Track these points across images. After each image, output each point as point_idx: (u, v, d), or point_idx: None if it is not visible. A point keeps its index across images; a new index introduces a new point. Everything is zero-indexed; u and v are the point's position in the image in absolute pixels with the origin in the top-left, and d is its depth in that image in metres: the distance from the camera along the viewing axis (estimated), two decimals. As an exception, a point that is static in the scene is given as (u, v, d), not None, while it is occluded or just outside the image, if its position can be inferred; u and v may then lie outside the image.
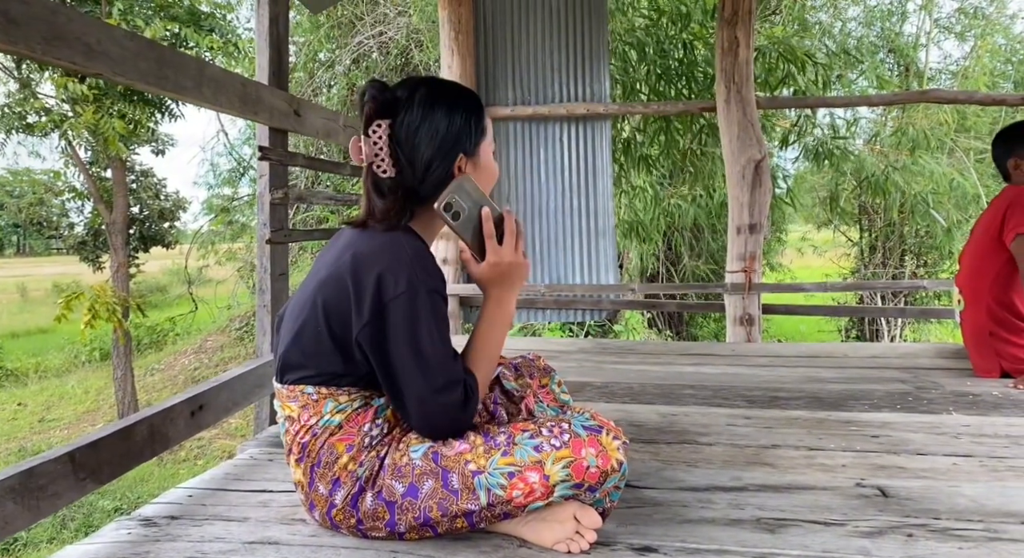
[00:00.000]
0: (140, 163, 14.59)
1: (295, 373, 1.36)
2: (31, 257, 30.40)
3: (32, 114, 6.84)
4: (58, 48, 1.20)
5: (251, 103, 1.89)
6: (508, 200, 4.20)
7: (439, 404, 1.29)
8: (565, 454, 1.28)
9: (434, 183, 1.36)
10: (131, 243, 14.55)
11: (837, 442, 2.01)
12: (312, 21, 10.43)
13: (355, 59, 10.29)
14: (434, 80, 1.44)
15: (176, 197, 15.31)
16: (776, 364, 3.10)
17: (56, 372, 12.58)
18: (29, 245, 30.09)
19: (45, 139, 7.29)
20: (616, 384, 2.73)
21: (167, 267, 18.40)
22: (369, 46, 10.07)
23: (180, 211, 16.03)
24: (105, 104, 6.44)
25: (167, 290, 19.62)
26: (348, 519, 1.32)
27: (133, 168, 14.39)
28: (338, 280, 1.30)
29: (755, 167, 3.76)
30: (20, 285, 20.42)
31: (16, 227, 18.77)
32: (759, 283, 3.79)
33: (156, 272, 19.20)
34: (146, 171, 14.53)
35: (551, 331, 8.23)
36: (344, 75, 9.91)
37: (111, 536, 1.37)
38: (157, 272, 19.22)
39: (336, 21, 10.24)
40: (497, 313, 1.42)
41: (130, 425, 1.44)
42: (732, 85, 3.78)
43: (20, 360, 13.17)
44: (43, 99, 6.94)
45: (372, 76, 9.48)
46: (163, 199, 15.15)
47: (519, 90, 4.16)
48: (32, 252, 30.34)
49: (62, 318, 6.93)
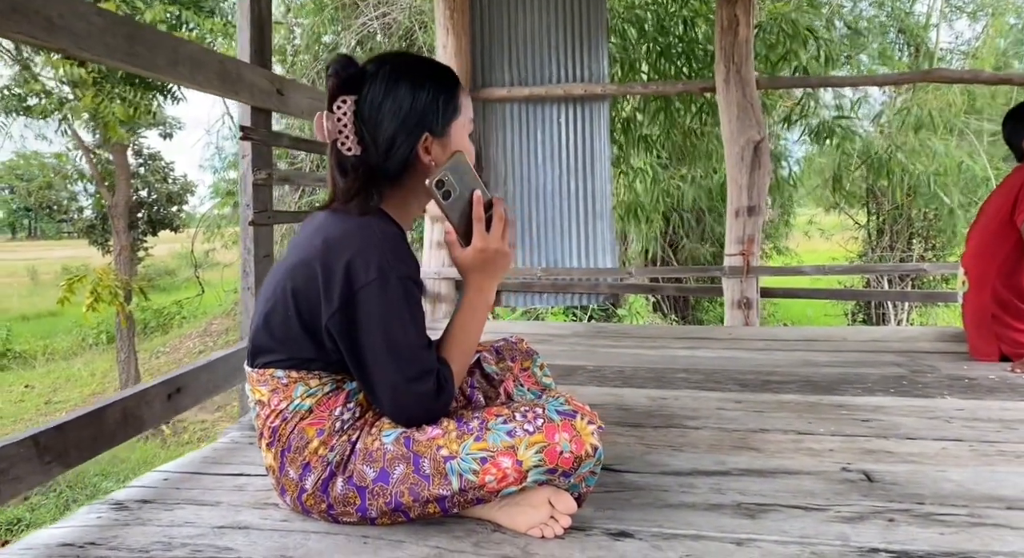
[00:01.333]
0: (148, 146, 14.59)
1: (265, 357, 1.34)
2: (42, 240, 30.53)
3: (32, 97, 6.83)
4: (15, 22, 1.17)
5: (231, 82, 1.86)
6: (504, 182, 4.17)
7: (412, 394, 1.27)
8: (538, 439, 1.26)
9: (398, 162, 1.32)
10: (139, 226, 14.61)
11: (827, 426, 1.98)
12: (316, 3, 10.35)
13: (360, 41, 10.22)
14: (404, 55, 1.40)
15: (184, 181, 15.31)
16: (773, 348, 3.07)
17: (64, 355, 12.67)
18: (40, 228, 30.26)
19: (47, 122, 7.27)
20: (608, 368, 2.71)
21: (176, 251, 18.46)
22: (373, 28, 10.00)
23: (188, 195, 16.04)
24: (105, 88, 6.41)
25: (176, 273, 19.70)
26: (319, 504, 1.31)
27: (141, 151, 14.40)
28: (307, 266, 1.28)
29: (754, 148, 3.70)
30: (31, 268, 20.52)
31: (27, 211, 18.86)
32: (757, 266, 3.75)
33: (165, 256, 19.26)
34: (154, 154, 14.52)
35: (554, 315, 8.20)
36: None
37: (81, 520, 1.36)
38: (166, 256, 19.28)
39: (340, 2, 10.16)
40: (477, 301, 1.39)
41: (101, 408, 1.42)
42: (731, 64, 3.72)
43: (29, 343, 13.26)
44: (44, 81, 6.92)
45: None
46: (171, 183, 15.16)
47: (515, 70, 4.11)
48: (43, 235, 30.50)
49: (65, 301, 6.95)
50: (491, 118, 4.16)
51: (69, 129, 7.56)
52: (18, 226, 32.25)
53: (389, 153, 1.31)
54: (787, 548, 1.27)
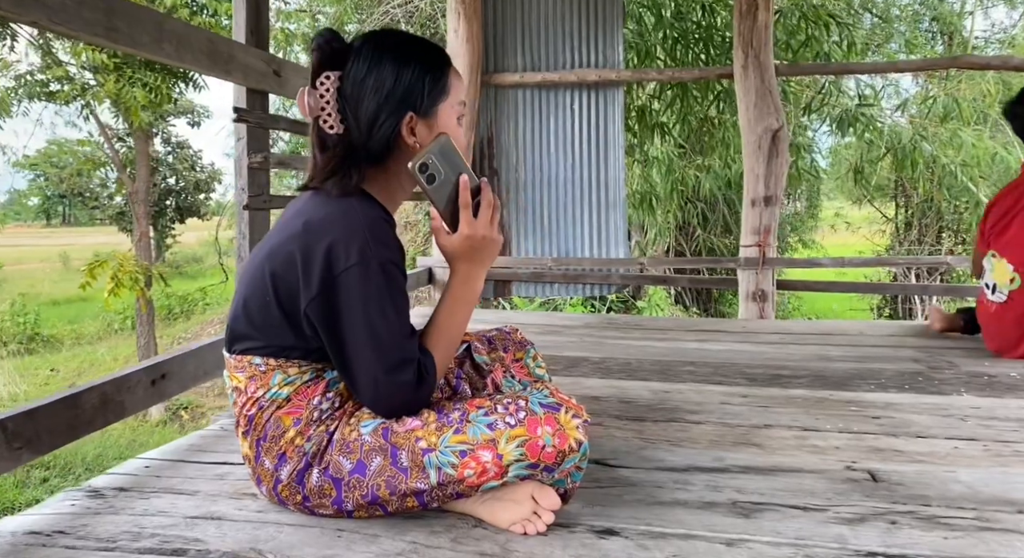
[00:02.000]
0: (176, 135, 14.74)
1: (243, 343, 1.30)
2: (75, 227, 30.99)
3: (55, 82, 6.87)
4: (-22, -9, 1.13)
5: (221, 61, 1.82)
6: (515, 170, 4.10)
7: (392, 384, 1.22)
8: (520, 433, 1.21)
9: (380, 142, 1.27)
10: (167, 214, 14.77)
11: (834, 423, 1.91)
12: (338, -10, 10.34)
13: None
14: (392, 32, 1.35)
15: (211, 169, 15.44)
16: (786, 341, 2.99)
17: (89, 339, 12.86)
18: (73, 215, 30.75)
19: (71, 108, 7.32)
20: (613, 360, 2.65)
21: (203, 238, 18.66)
22: (395, 15, 9.97)
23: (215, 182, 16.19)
24: (126, 73, 6.43)
25: (202, 260, 19.93)
26: (294, 495, 1.27)
27: (169, 140, 14.54)
28: (287, 250, 1.23)
29: (772, 137, 3.60)
30: (62, 254, 20.84)
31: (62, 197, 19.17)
32: (773, 258, 3.66)
33: (192, 243, 19.49)
34: (182, 143, 14.64)
35: (572, 306, 8.13)
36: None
37: (53, 507, 1.34)
38: (193, 243, 19.51)
39: (363, -11, 10.14)
40: (463, 290, 1.34)
41: (78, 393, 1.40)
42: (750, 50, 3.62)
43: (56, 327, 13.48)
44: (66, 67, 6.96)
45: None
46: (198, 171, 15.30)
47: (528, 56, 4.03)
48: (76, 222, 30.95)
49: (87, 286, 7.03)
50: (503, 104, 4.09)
51: (92, 116, 7.61)
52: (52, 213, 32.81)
53: (371, 132, 1.26)
54: (780, 550, 1.21)
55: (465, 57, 3.90)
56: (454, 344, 1.35)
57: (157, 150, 13.96)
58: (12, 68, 6.60)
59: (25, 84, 6.69)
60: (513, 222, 4.12)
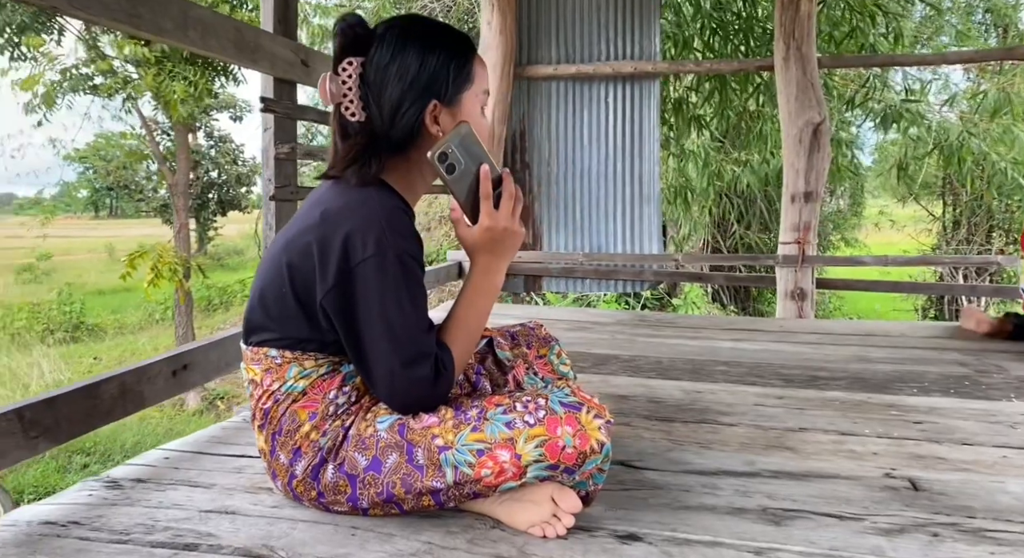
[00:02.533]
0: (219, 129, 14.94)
1: (259, 335, 1.27)
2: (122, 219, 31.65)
3: (99, 76, 6.99)
4: (-2, -21, 1.12)
5: (248, 50, 1.80)
6: (548, 163, 4.04)
7: (408, 379, 1.19)
8: (539, 432, 1.16)
9: (403, 130, 1.23)
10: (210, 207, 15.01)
11: (873, 427, 1.83)
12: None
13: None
14: (417, 17, 1.31)
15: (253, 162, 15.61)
16: (824, 342, 2.90)
17: (132, 329, 13.12)
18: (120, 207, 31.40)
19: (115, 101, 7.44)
20: (644, 358, 2.59)
21: (244, 231, 18.91)
22: (433, 10, 9.98)
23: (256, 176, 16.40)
24: (166, 67, 6.51)
25: (243, 253, 20.21)
26: (309, 491, 1.24)
27: (212, 133, 14.76)
28: (304, 240, 1.20)
29: (813, 130, 3.49)
30: (108, 245, 21.30)
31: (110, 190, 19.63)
32: (813, 256, 3.55)
33: (233, 235, 19.77)
34: (224, 136, 14.82)
35: (606, 303, 8.05)
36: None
37: (71, 497, 1.33)
38: (235, 235, 19.79)
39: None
40: (483, 283, 1.30)
41: (97, 383, 1.39)
42: (792, 41, 3.51)
43: (100, 316, 13.78)
44: (110, 61, 7.07)
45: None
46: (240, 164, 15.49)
47: (562, 47, 3.97)
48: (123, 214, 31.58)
49: (126, 276, 7.16)
50: (536, 97, 4.04)
51: (135, 109, 7.73)
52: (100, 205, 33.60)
53: (394, 120, 1.23)
54: (811, 561, 1.15)
55: (498, 49, 3.85)
56: (474, 339, 1.31)
57: (200, 144, 14.18)
58: (58, 62, 6.74)
59: (70, 78, 6.82)
60: (545, 216, 4.06)
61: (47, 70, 6.61)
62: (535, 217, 4.08)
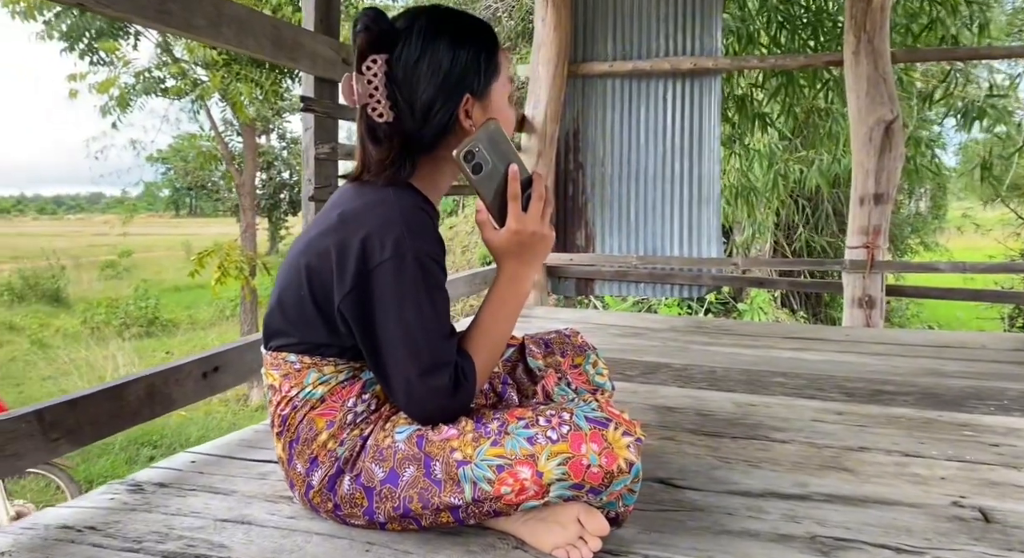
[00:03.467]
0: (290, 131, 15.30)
1: (278, 340, 1.23)
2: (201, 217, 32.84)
3: (170, 79, 7.19)
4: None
5: (286, 48, 1.77)
6: (603, 163, 3.94)
7: (425, 388, 1.13)
8: (562, 449, 1.09)
9: (437, 128, 1.18)
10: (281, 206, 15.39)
11: (942, 449, 1.69)
12: (441, -14, 10.40)
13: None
14: (438, 8, 1.25)
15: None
16: (893, 353, 2.72)
17: (203, 325, 13.52)
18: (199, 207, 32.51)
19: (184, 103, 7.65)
20: (696, 367, 2.47)
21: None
22: (497, 10, 9.97)
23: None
24: (233, 69, 6.65)
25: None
26: (325, 503, 1.19)
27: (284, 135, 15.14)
28: (322, 242, 1.16)
29: (885, 129, 3.30)
30: (186, 243, 22.09)
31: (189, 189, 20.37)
32: (883, 261, 3.35)
33: (303, 235, 20.18)
34: (296, 139, 15.17)
35: (667, 307, 7.87)
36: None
37: (93, 500, 1.32)
38: (304, 235, 20.20)
39: (464, -15, 10.19)
40: (510, 289, 1.23)
41: (122, 384, 1.37)
42: (863, 34, 3.32)
43: (175, 312, 14.24)
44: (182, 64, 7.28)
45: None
46: (311, 165, 15.83)
47: (619, 44, 3.85)
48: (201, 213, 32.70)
49: (195, 274, 7.35)
50: (590, 95, 3.93)
51: (205, 110, 7.94)
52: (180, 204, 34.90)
53: (427, 118, 1.17)
54: (862, 601, 1.04)
55: (552, 46, 3.77)
56: (499, 348, 1.25)
57: (273, 146, 14.53)
58: (131, 65, 6.97)
59: (144, 80, 7.04)
60: (598, 218, 3.96)
61: (122, 73, 6.86)
62: (588, 219, 3.98)
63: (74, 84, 6.85)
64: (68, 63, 9.66)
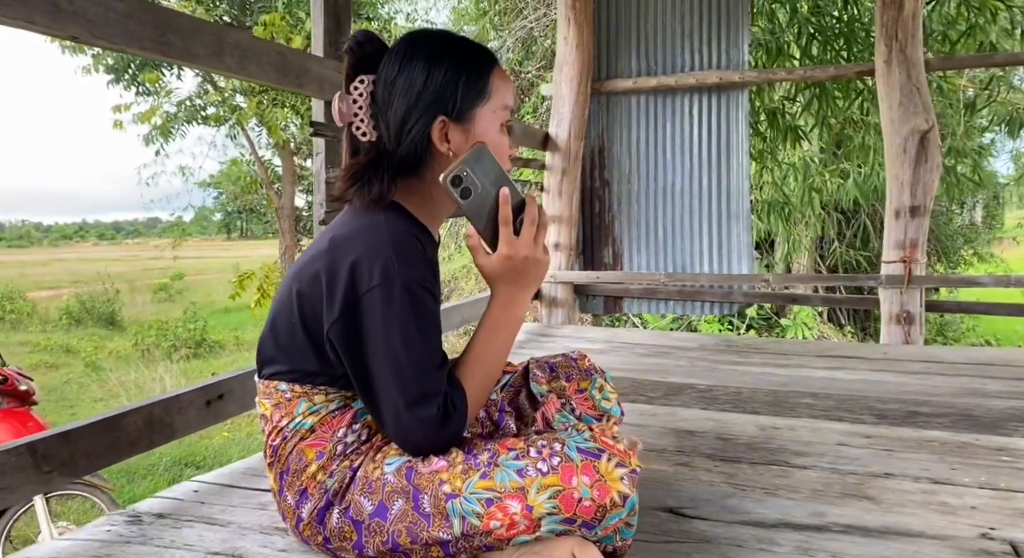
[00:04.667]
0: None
1: (270, 367, 1.22)
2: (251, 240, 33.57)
3: (211, 106, 7.37)
4: (9, 6, 1.12)
5: (292, 74, 1.78)
6: (628, 180, 3.88)
7: (414, 419, 1.10)
8: (552, 482, 1.05)
9: (410, 147, 1.16)
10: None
11: (975, 475, 1.60)
12: (478, 8, 10.55)
13: (524, 43, 10.31)
14: (429, 31, 1.24)
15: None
16: (932, 372, 2.61)
17: (248, 346, 13.71)
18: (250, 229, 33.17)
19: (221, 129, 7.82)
20: (722, 388, 2.40)
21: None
22: (534, 29, 10.02)
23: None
24: (271, 94, 6.78)
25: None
26: (315, 535, 1.17)
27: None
28: (313, 268, 1.15)
29: (920, 139, 3.19)
30: (235, 265, 22.56)
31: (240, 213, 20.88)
32: (921, 275, 3.22)
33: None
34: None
35: (707, 324, 7.73)
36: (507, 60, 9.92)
37: (90, 532, 1.31)
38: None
39: (502, 7, 10.28)
40: (503, 316, 1.20)
41: (120, 414, 1.37)
42: (894, 43, 3.22)
43: (222, 333, 14.49)
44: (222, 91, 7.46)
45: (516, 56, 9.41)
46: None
47: (643, 60, 3.81)
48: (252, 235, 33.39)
49: (236, 296, 7.46)
50: (615, 112, 3.89)
51: (245, 135, 8.11)
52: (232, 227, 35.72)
53: (401, 135, 1.16)
54: (871, 645, 0.97)
55: (575, 65, 3.74)
56: (492, 377, 1.21)
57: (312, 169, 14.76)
58: (172, 95, 7.17)
59: (185, 109, 7.24)
60: (625, 235, 3.90)
61: (164, 103, 7.06)
62: (615, 236, 3.93)
63: (118, 115, 7.08)
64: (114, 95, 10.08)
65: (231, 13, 7.31)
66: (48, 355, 11.71)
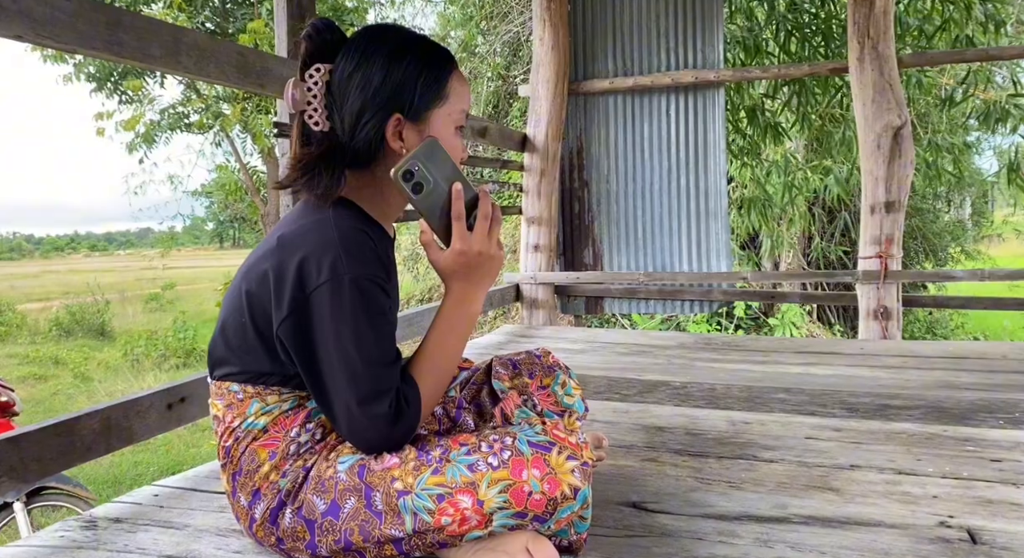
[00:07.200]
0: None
1: (221, 369, 1.21)
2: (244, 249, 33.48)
3: (194, 113, 7.34)
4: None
5: (253, 74, 1.77)
6: (607, 180, 3.89)
7: (365, 416, 1.09)
8: (502, 476, 1.05)
9: (364, 142, 1.16)
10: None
11: (939, 465, 1.60)
12: (463, 13, 10.55)
13: (511, 48, 10.32)
14: (390, 26, 1.24)
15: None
16: (907, 366, 2.62)
17: (238, 354, 13.66)
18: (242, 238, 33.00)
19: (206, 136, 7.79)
20: (697, 385, 2.40)
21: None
22: (521, 35, 10.03)
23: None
24: (254, 99, 6.77)
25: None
26: (268, 536, 1.16)
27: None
28: (261, 267, 1.14)
29: (893, 135, 3.20)
30: (227, 274, 22.48)
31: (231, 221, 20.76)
32: (897, 270, 3.23)
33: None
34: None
35: (696, 324, 7.73)
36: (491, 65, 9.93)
37: (43, 539, 1.30)
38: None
39: (488, 12, 10.28)
40: (457, 312, 1.20)
41: (74, 418, 1.36)
42: (866, 40, 3.24)
43: (211, 343, 14.44)
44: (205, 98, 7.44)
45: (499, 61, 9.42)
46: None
47: (619, 60, 3.82)
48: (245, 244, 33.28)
49: (219, 304, 7.43)
50: (592, 112, 3.90)
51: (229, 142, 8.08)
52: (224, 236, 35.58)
53: (355, 130, 1.16)
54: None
55: (551, 66, 3.75)
56: (446, 374, 1.21)
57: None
58: (155, 102, 7.14)
59: (168, 116, 7.21)
60: (605, 235, 3.91)
61: (147, 111, 7.03)
62: (595, 236, 3.93)
63: (101, 123, 7.05)
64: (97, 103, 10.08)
65: (213, 20, 7.31)
66: (37, 367, 11.64)
